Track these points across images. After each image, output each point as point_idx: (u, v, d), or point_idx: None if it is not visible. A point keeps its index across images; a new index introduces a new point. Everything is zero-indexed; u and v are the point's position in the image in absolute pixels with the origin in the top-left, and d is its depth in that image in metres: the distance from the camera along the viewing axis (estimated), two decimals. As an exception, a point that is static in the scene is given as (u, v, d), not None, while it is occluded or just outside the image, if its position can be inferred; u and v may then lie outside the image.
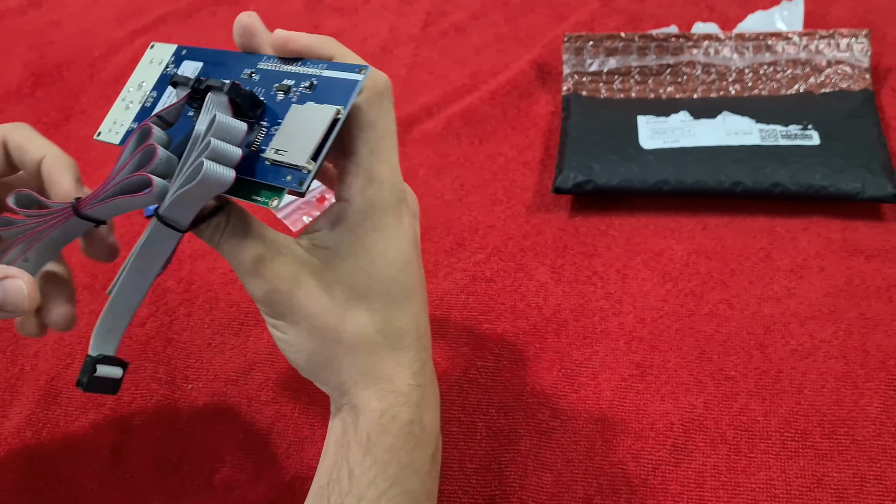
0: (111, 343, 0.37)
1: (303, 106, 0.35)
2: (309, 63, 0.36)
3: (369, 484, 0.33)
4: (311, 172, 0.33)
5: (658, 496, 0.41)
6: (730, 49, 0.61)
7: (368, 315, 0.34)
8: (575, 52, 0.62)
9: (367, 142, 0.34)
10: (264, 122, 0.35)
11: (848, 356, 0.46)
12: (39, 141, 0.40)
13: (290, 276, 0.34)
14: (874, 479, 0.41)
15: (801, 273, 0.50)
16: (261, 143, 0.35)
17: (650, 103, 0.60)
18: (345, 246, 0.34)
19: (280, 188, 0.34)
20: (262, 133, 0.35)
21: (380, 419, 0.33)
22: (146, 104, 0.41)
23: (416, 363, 0.35)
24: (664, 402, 0.45)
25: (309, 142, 0.33)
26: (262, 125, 0.35)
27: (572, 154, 0.56)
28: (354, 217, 0.34)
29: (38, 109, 0.69)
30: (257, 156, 0.35)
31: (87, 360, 0.36)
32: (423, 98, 0.65)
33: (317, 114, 0.34)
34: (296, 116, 0.35)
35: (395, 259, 0.34)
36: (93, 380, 0.36)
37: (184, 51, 0.42)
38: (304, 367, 0.35)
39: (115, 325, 0.37)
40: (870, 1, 0.67)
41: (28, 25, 0.78)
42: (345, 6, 0.74)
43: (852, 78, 0.58)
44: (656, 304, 0.49)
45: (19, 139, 0.39)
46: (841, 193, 0.51)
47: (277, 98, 0.36)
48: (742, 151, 0.54)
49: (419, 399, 0.35)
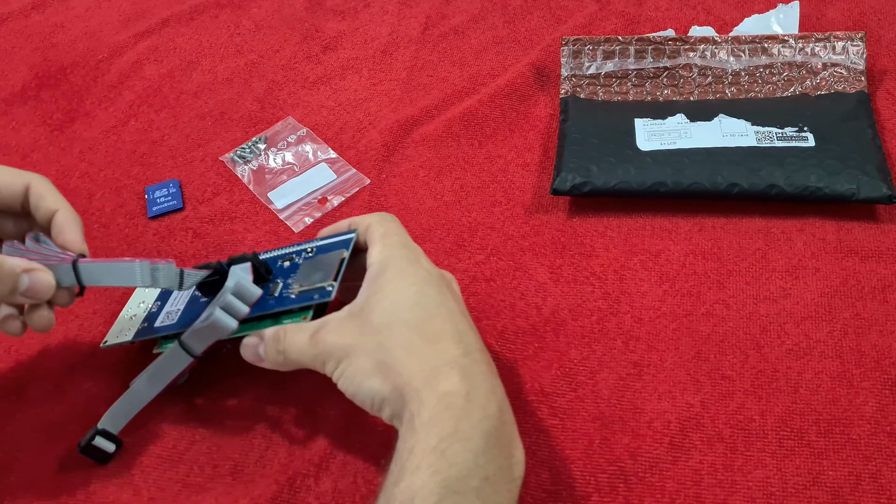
0: (117, 424, 0.46)
1: (312, 258, 0.47)
2: (302, 243, 0.48)
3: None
4: (334, 287, 0.44)
5: (655, 494, 0.42)
6: (726, 52, 0.61)
7: (405, 329, 0.40)
8: (573, 55, 0.63)
9: (377, 231, 0.44)
10: (278, 280, 0.47)
11: (843, 356, 0.46)
12: (57, 195, 0.46)
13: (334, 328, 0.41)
14: (869, 477, 0.42)
15: (796, 274, 0.50)
16: (281, 290, 0.46)
17: (647, 106, 0.60)
18: (367, 294, 0.41)
19: (309, 306, 0.44)
20: (277, 287, 0.46)
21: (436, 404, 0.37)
22: (152, 310, 0.50)
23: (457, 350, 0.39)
24: (661, 401, 0.45)
25: (328, 272, 0.45)
26: (277, 282, 0.47)
27: (570, 156, 0.56)
28: (372, 274, 0.42)
29: (42, 111, 0.70)
30: (282, 297, 0.45)
31: (92, 429, 0.45)
32: (422, 101, 0.65)
33: (327, 258, 0.46)
34: (308, 266, 0.46)
35: (410, 290, 0.41)
36: (89, 446, 0.45)
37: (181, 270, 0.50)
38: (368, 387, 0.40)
39: (125, 412, 0.45)
40: (865, 4, 0.68)
41: (32, 28, 0.78)
42: (345, 9, 0.75)
43: (848, 80, 0.59)
44: (653, 304, 0.50)
45: (41, 189, 0.46)
46: (836, 195, 0.52)
47: (284, 266, 0.48)
48: (738, 153, 0.54)
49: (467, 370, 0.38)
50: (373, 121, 0.64)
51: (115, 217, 0.60)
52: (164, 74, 0.71)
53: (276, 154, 0.63)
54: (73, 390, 0.50)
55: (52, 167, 0.65)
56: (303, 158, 0.63)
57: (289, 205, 0.59)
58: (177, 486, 0.45)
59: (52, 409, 0.49)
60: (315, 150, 0.63)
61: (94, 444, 0.45)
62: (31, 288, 0.41)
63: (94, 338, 0.52)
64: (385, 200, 0.58)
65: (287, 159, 0.63)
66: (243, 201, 0.60)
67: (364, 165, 0.61)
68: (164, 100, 0.69)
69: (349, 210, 0.58)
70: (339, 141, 0.63)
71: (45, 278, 0.42)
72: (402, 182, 0.59)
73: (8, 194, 0.45)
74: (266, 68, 0.70)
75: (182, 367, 0.45)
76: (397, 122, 0.64)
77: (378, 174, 0.60)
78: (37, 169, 0.65)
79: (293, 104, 0.67)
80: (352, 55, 0.71)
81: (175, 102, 0.69)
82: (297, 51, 0.72)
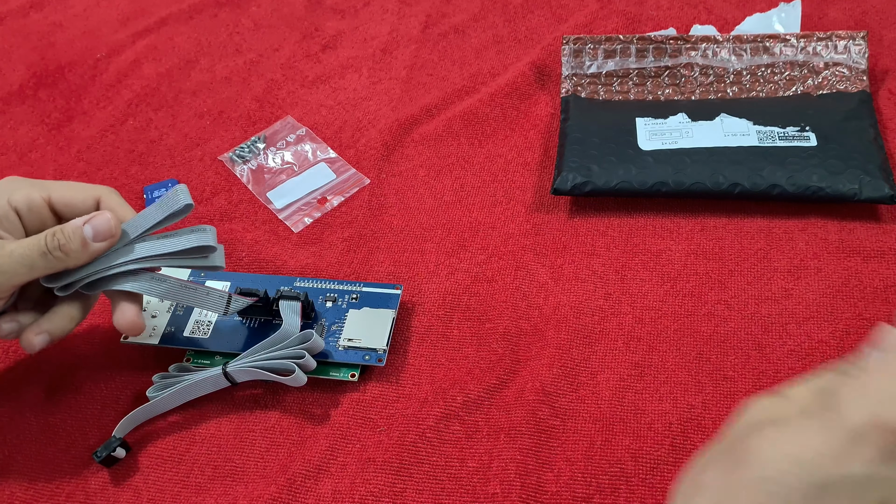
0: (129, 429, 0.46)
1: (360, 310, 0.49)
2: (343, 283, 0.51)
3: None
4: (386, 351, 0.47)
5: (657, 495, 0.42)
6: (728, 51, 0.61)
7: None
8: (574, 53, 0.63)
9: None
10: (321, 321, 0.49)
11: (845, 357, 0.46)
12: (127, 207, 0.46)
13: None
14: (871, 477, 0.41)
15: (798, 274, 0.50)
16: (326, 336, 0.48)
17: (648, 105, 0.60)
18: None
19: (358, 364, 0.47)
20: (323, 330, 0.48)
21: None
22: (178, 313, 0.51)
23: None
24: (663, 402, 0.45)
25: (382, 332, 0.48)
26: (321, 324, 0.49)
27: (571, 156, 0.56)
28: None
29: (40, 110, 0.70)
30: (327, 344, 0.47)
31: (112, 439, 0.45)
32: (423, 100, 0.65)
33: (378, 315, 0.49)
34: (357, 317, 0.49)
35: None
36: (108, 457, 0.45)
37: (202, 272, 0.52)
38: None
39: (138, 419, 0.46)
40: (867, 3, 0.67)
41: (30, 27, 0.78)
42: (345, 8, 0.75)
43: (850, 80, 0.59)
44: (655, 304, 0.50)
45: (112, 203, 0.45)
46: (838, 195, 0.52)
47: (327, 305, 0.50)
48: (739, 153, 0.54)
49: None
50: (372, 120, 0.64)
51: (114, 216, 0.60)
52: (163, 73, 0.71)
53: (276, 153, 0.63)
54: (72, 391, 0.50)
55: (49, 166, 0.65)
56: (302, 158, 0.62)
57: (288, 205, 0.59)
58: (177, 487, 0.45)
59: (51, 409, 0.49)
60: (314, 149, 0.63)
61: (113, 454, 0.45)
62: (97, 232, 0.42)
63: (94, 337, 0.52)
64: (385, 200, 0.58)
65: (286, 159, 0.63)
66: (242, 201, 0.60)
67: (364, 165, 0.61)
68: (162, 99, 0.69)
69: (349, 209, 0.58)
70: (339, 140, 0.63)
71: (105, 217, 0.42)
72: (402, 181, 0.59)
73: (82, 210, 0.44)
74: (265, 67, 0.70)
75: (209, 391, 0.47)
76: (397, 121, 0.63)
77: (378, 174, 0.60)
78: (35, 168, 0.65)
79: (292, 103, 0.67)
80: (351, 54, 0.70)
81: (174, 101, 0.69)
82: (296, 50, 0.71)
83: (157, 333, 0.49)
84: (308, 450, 0.45)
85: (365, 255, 0.55)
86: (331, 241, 0.56)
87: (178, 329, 0.50)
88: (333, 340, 0.48)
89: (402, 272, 0.54)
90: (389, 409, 0.47)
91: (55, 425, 0.48)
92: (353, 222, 0.57)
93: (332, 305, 0.50)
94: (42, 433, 0.48)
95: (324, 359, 0.47)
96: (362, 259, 0.55)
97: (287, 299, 0.48)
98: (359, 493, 0.43)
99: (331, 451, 0.45)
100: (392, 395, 0.47)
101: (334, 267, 0.54)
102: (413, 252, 0.55)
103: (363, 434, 0.46)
